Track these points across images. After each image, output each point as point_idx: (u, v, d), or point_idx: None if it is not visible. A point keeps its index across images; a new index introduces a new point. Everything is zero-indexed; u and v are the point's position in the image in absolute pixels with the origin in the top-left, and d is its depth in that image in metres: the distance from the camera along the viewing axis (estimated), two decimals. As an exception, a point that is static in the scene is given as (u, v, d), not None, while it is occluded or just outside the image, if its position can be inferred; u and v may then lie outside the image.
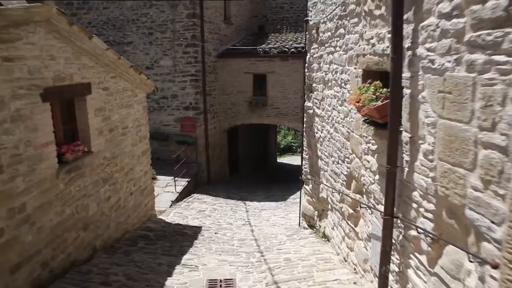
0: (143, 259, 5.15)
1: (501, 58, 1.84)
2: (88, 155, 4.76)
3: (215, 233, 7.04)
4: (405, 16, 2.82)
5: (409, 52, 2.82)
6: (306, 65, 6.83)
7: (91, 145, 4.84)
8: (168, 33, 11.42)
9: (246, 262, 5.36)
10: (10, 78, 3.29)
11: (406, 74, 2.90)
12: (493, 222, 2.02)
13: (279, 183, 14.71)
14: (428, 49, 2.54)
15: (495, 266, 1.96)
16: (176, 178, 9.98)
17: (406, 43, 2.85)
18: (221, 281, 4.59)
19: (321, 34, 5.76)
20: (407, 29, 2.83)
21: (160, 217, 7.89)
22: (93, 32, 10.36)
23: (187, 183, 10.39)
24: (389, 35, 3.14)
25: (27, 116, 3.53)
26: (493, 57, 1.90)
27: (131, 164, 6.25)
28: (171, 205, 9.00)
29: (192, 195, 10.37)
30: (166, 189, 9.90)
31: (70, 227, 4.39)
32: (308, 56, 6.70)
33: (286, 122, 13.69)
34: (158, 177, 10.28)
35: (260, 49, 12.80)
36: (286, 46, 12.92)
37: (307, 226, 7.24)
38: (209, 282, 4.55)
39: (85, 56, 4.58)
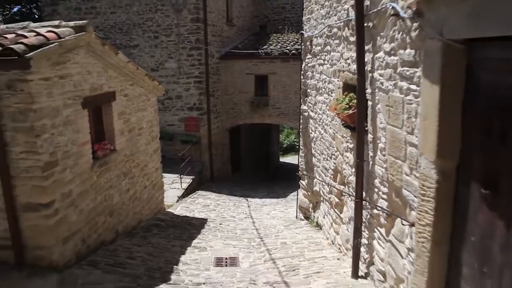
0: (159, 242, 6.32)
1: (414, 87, 2.97)
2: (113, 153, 5.92)
3: (220, 224, 8.20)
4: (366, 47, 3.95)
5: (370, 74, 3.96)
6: (302, 72, 7.97)
7: (115, 144, 6.00)
8: (173, 37, 12.54)
9: (247, 245, 6.52)
10: (63, 91, 4.45)
11: (368, 90, 4.03)
12: (415, 196, 3.15)
13: (280, 181, 15.69)
14: (380, 74, 3.67)
15: (412, 224, 3.10)
16: (181, 176, 11.15)
17: (368, 67, 3.99)
18: (226, 258, 5.76)
19: (314, 47, 6.90)
20: (369, 56, 3.96)
21: (168, 210, 9.06)
22: (101, 36, 11.56)
23: (191, 180, 11.56)
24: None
25: (73, 120, 4.69)
26: (410, 85, 3.03)
27: (145, 161, 7.42)
28: (178, 200, 10.18)
29: (196, 191, 11.55)
30: (172, 185, 11.07)
31: (100, 212, 5.55)
32: (303, 65, 7.84)
33: (287, 122, 14.71)
34: (164, 174, 11.23)
35: (262, 51, 13.84)
36: (287, 47, 13.95)
37: (303, 218, 8.39)
38: (217, 259, 5.72)
39: (111, 69, 5.74)
